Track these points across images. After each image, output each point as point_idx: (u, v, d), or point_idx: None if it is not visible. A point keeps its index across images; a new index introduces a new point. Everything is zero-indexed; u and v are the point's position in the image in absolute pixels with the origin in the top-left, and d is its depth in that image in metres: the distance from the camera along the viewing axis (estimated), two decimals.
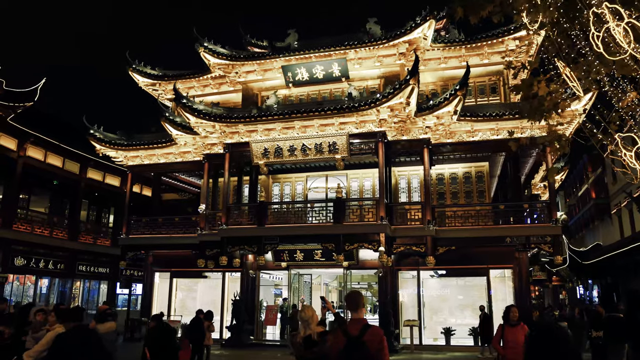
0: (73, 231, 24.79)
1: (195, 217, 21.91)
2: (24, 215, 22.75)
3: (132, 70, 24.30)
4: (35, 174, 23.42)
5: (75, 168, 25.17)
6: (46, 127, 22.74)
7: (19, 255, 21.77)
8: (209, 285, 22.02)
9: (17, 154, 21.86)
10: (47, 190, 26.50)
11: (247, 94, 22.61)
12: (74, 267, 24.46)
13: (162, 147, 22.08)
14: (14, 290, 22.13)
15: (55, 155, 23.95)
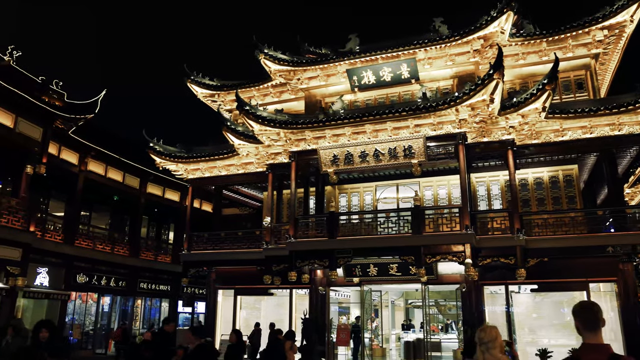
0: (134, 247, 24.20)
1: (258, 231, 20.88)
2: (85, 231, 22.27)
3: (191, 82, 23.75)
4: (96, 189, 23.01)
5: (136, 183, 24.69)
6: (105, 141, 22.34)
7: (81, 272, 21.24)
8: (275, 303, 20.84)
9: (78, 169, 21.49)
10: (107, 205, 26.14)
11: (310, 100, 21.52)
12: (135, 284, 23.80)
13: (223, 158, 21.21)
14: (76, 309, 21.54)
15: (116, 170, 23.52)
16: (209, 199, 27.17)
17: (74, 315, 21.32)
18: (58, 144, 19.99)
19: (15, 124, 17.41)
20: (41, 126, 18.27)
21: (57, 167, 19.37)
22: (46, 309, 20.16)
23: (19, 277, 16.90)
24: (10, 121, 17.23)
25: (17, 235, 16.92)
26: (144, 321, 24.90)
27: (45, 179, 19.36)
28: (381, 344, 21.62)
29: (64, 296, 19.96)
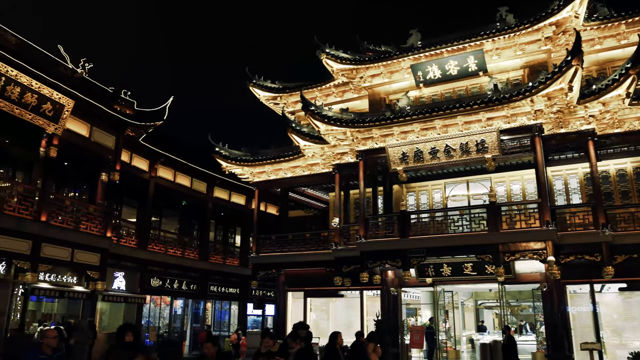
0: (203, 251, 24.58)
1: (326, 233, 20.72)
2: (156, 236, 22.79)
3: (253, 86, 23.89)
4: (165, 194, 23.52)
5: (203, 187, 25.09)
6: (173, 147, 22.82)
7: (154, 276, 21.72)
8: (345, 304, 20.55)
9: (148, 175, 22.01)
10: (176, 210, 26.68)
11: (374, 98, 21.14)
12: (205, 287, 24.15)
13: (288, 160, 21.19)
14: (150, 312, 22.05)
15: (184, 175, 23.98)
16: (273, 202, 27.29)
17: (149, 318, 21.82)
18: (129, 152, 20.53)
19: (91, 133, 17.97)
20: (114, 134, 18.80)
21: (129, 174, 19.90)
22: (123, 312, 20.71)
23: (99, 281, 17.42)
24: (86, 131, 17.80)
25: (96, 241, 17.43)
26: (215, 324, 25.23)
27: (118, 185, 19.90)
28: (454, 346, 20.96)
29: (140, 299, 20.46)
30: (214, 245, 26.17)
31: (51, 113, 15.96)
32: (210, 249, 25.35)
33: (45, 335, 6.33)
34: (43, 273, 15.90)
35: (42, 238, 15.58)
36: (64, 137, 16.70)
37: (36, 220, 15.52)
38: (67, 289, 17.06)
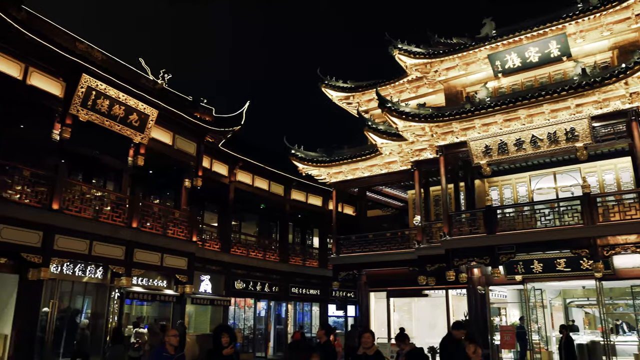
0: (283, 253, 24.82)
1: (407, 231, 20.36)
2: (237, 239, 23.22)
3: (325, 86, 23.90)
4: (244, 198, 23.94)
5: (280, 190, 25.36)
6: (250, 152, 23.18)
7: (238, 278, 22.13)
8: (429, 304, 20.09)
9: (228, 179, 22.48)
10: (254, 214, 27.12)
11: (450, 92, 20.56)
12: (287, 289, 24.37)
13: (365, 159, 21.00)
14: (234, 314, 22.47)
15: (262, 179, 24.32)
16: (349, 202, 27.19)
17: (234, 320, 22.24)
18: (210, 157, 21.02)
19: (173, 141, 18.55)
20: (195, 141, 19.32)
21: (209, 179, 20.38)
22: (210, 314, 21.24)
23: (187, 284, 17.91)
24: (169, 139, 18.39)
25: (183, 245, 17.95)
26: (296, 325, 25.39)
27: (199, 190, 20.42)
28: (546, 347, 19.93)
29: (226, 302, 20.91)
30: (293, 247, 26.38)
31: (137, 123, 16.60)
32: (290, 251, 25.56)
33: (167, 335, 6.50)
34: (136, 277, 16.53)
35: (134, 244, 16.21)
36: (150, 146, 17.32)
37: (128, 227, 16.17)
38: (158, 292, 17.66)
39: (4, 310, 13.90)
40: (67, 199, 14.74)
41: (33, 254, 13.45)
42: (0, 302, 13.97)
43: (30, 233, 13.50)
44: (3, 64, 13.68)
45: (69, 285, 15.76)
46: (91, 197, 15.72)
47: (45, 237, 13.78)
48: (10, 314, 13.61)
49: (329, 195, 26.98)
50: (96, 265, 15.70)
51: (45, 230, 13.81)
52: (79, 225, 14.75)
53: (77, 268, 15.25)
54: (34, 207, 13.74)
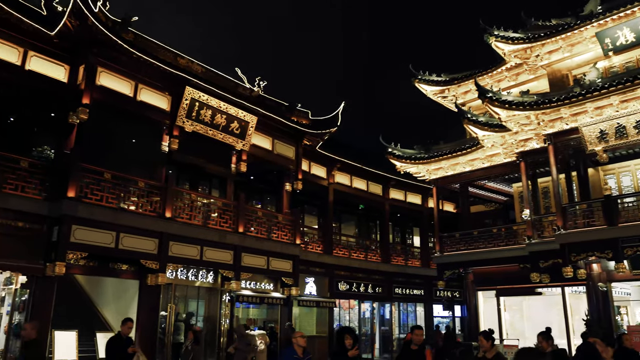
0: (385, 254, 24.56)
1: (515, 226, 19.40)
2: (338, 240, 23.26)
3: (419, 81, 23.40)
4: (343, 199, 23.96)
5: (379, 190, 25.13)
6: (346, 152, 23.15)
7: (341, 280, 22.15)
8: (543, 303, 18.96)
9: (327, 181, 22.59)
10: (352, 215, 27.08)
11: (554, 76, 19.35)
12: (390, 290, 24.07)
13: (465, 153, 20.29)
14: (339, 316, 22.49)
15: (360, 179, 24.23)
16: (449, 199, 26.39)
17: (339, 322, 22.27)
18: (308, 160, 21.22)
19: (273, 146, 18.91)
20: (293, 145, 19.57)
21: (308, 182, 20.55)
22: (315, 316, 21.41)
23: (293, 287, 18.15)
24: (268, 144, 18.77)
25: (287, 248, 18.23)
26: (400, 326, 25.01)
27: (298, 193, 20.66)
28: None
29: (331, 303, 20.98)
30: (393, 246, 26.03)
31: (238, 131, 17.06)
32: (391, 250, 25.23)
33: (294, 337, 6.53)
34: (244, 281, 16.97)
35: (241, 248, 16.65)
36: (251, 152, 17.75)
37: (235, 232, 16.65)
38: (266, 295, 18.04)
39: (127, 313, 14.75)
40: (178, 207, 15.43)
41: (151, 260, 14.18)
42: (124, 306, 14.91)
43: (148, 241, 14.26)
44: (117, 83, 14.58)
45: (184, 289, 16.50)
46: (199, 204, 16.36)
47: (161, 244, 14.49)
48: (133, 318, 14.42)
49: (427, 193, 26.39)
50: (207, 269, 16.32)
51: (161, 238, 14.53)
52: (190, 231, 15.39)
53: (190, 273, 15.93)
54: (150, 216, 14.51)
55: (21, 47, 13.37)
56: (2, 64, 12.93)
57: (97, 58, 14.08)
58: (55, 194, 13.00)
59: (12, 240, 12.40)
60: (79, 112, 13.41)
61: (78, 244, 12.79)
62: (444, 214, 24.15)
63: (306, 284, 20.55)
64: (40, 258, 12.64)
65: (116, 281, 15.21)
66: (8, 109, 15.75)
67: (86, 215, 13.02)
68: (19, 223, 12.54)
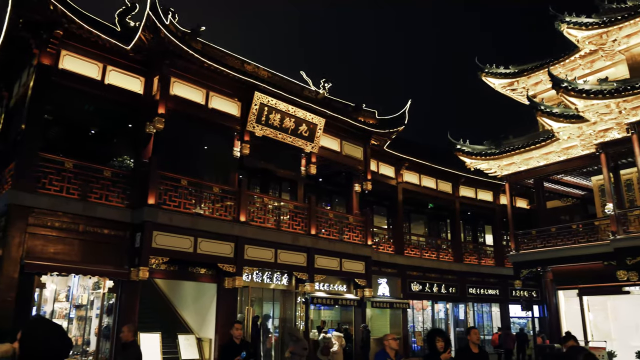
0: (457, 253, 23.97)
1: (597, 222, 18.46)
2: (409, 240, 22.92)
3: (486, 75, 22.79)
4: (412, 198, 23.64)
5: (448, 188, 24.59)
6: (414, 151, 22.78)
7: (413, 280, 21.81)
8: (631, 302, 17.89)
9: (395, 181, 22.33)
10: (421, 214, 26.69)
11: (634, 61, 18.43)
12: (464, 290, 23.45)
13: (539, 147, 19.50)
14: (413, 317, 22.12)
15: (429, 177, 23.80)
16: (522, 195, 25.52)
17: (413, 323, 21.92)
18: (376, 160, 21.05)
19: (341, 148, 18.88)
20: (361, 146, 19.47)
21: (377, 182, 20.35)
22: (389, 317, 21.19)
23: (366, 288, 18.02)
24: (337, 145, 18.76)
25: (359, 250, 18.13)
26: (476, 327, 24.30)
27: (367, 194, 20.51)
28: None
29: (404, 304, 20.69)
30: (465, 245, 25.38)
31: (307, 133, 17.15)
32: (463, 249, 24.61)
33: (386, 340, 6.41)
34: (318, 283, 17.00)
35: (314, 250, 16.71)
36: (320, 154, 17.80)
37: (307, 234, 16.73)
38: (340, 296, 18.01)
39: (207, 316, 15.15)
40: (252, 211, 15.67)
41: (228, 264, 14.47)
42: (204, 309, 15.28)
43: (224, 245, 14.55)
44: (190, 91, 14.99)
45: (259, 292, 16.72)
46: (271, 207, 16.55)
47: (237, 248, 14.76)
48: (212, 320, 14.79)
49: (499, 190, 25.61)
50: (281, 272, 16.48)
51: (236, 242, 14.80)
52: (264, 235, 15.60)
53: (265, 275, 16.13)
54: (225, 221, 14.81)
55: (100, 63, 14.01)
56: (84, 79, 13.59)
57: (170, 69, 14.54)
58: (136, 201, 13.52)
59: (99, 247, 13.00)
60: (155, 122, 13.88)
61: (159, 249, 13.22)
62: (517, 211, 23.35)
63: (379, 285, 20.37)
64: (125, 263, 13.17)
65: (194, 284, 15.64)
66: (90, 122, 16.60)
67: (166, 221, 13.45)
68: (104, 230, 13.13)
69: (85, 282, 13.94)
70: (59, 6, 12.52)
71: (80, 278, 13.55)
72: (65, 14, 12.67)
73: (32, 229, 11.97)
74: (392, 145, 21.12)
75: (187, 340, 14.90)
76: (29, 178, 12.12)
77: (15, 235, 11.63)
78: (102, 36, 13.50)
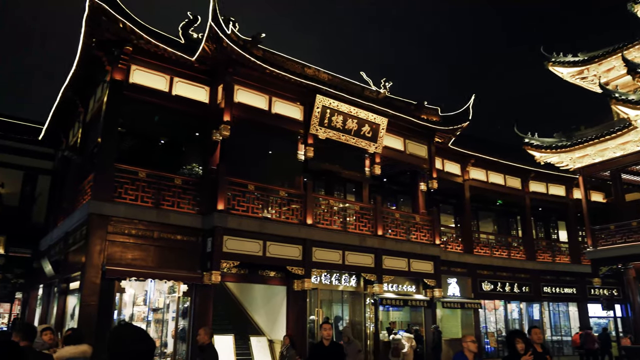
0: (529, 250, 23.09)
1: None
2: (477, 238, 22.31)
3: (553, 64, 21.96)
4: (479, 195, 23.04)
5: (517, 183, 23.76)
6: (480, 147, 22.18)
7: (484, 280, 21.22)
8: None
9: (462, 178, 21.83)
10: (489, 211, 26.01)
11: None
12: (537, 288, 22.55)
13: (615, 137, 18.58)
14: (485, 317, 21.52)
15: (496, 174, 23.09)
16: (597, 188, 24.31)
17: (485, 324, 21.33)
18: (440, 158, 20.66)
19: (405, 147, 18.65)
20: (425, 144, 19.17)
21: (442, 180, 19.94)
22: (460, 318, 20.70)
23: (435, 288, 17.71)
24: (400, 145, 18.55)
25: (427, 249, 17.86)
26: (553, 328, 23.36)
27: (432, 192, 20.15)
28: None
29: (476, 305, 20.15)
30: (537, 242, 24.42)
31: (370, 134, 17.07)
32: (535, 247, 23.68)
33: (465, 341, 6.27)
34: (386, 284, 16.86)
35: (381, 251, 16.60)
36: (384, 154, 17.66)
37: (374, 235, 16.66)
38: (409, 297, 17.80)
39: (278, 318, 15.37)
40: (318, 214, 15.77)
41: (296, 266, 14.62)
42: (274, 312, 15.52)
43: (292, 247, 14.72)
44: (253, 98, 15.28)
45: (328, 294, 16.78)
46: (337, 209, 16.58)
47: (305, 250, 14.89)
48: (283, 322, 14.98)
49: (572, 183, 24.57)
50: (349, 273, 16.47)
51: (304, 244, 14.93)
52: (331, 237, 15.65)
53: (333, 277, 16.18)
54: (293, 224, 14.99)
55: (167, 75, 14.53)
56: (153, 91, 14.15)
57: (233, 77, 14.86)
58: (206, 207, 13.91)
59: (173, 253, 13.47)
60: (221, 130, 14.22)
61: (230, 253, 13.53)
62: (592, 205, 22.24)
63: (448, 285, 19.94)
64: (197, 268, 13.57)
65: (264, 287, 15.90)
66: (160, 132, 17.26)
67: (235, 226, 13.75)
68: (177, 236, 13.58)
69: (161, 287, 14.47)
70: (127, 24, 13.09)
71: (156, 282, 14.06)
72: (133, 30, 13.22)
73: (111, 237, 12.56)
74: (456, 141, 20.65)
75: (259, 342, 15.17)
76: (106, 188, 12.73)
77: (97, 243, 12.25)
78: (168, 49, 13.99)
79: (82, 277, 12.19)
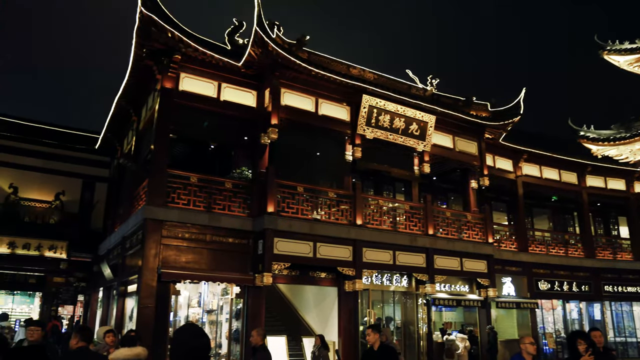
0: (587, 248, 22.20)
1: None
2: (532, 236, 21.63)
3: (609, 53, 20.88)
4: (532, 192, 22.38)
5: (573, 178, 22.90)
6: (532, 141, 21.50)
7: (540, 279, 20.57)
8: None
9: (514, 174, 21.26)
10: (544, 208, 25.26)
11: None
12: (598, 287, 21.67)
13: None
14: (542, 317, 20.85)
15: (550, 169, 22.34)
16: None
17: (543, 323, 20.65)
18: (491, 154, 20.15)
19: (454, 144, 18.33)
20: (474, 140, 18.78)
21: (493, 177, 19.46)
22: (516, 318, 20.16)
23: (489, 288, 17.30)
24: (449, 142, 18.25)
25: (480, 248, 17.48)
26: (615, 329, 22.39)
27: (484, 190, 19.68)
28: None
29: (532, 304, 19.54)
30: (597, 239, 23.47)
31: (418, 132, 16.86)
32: (594, 244, 22.75)
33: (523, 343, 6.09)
34: (438, 284, 16.60)
35: (432, 250, 16.35)
36: (432, 152, 17.41)
37: (425, 234, 16.44)
38: (462, 297, 17.47)
39: (329, 319, 15.39)
40: (367, 214, 15.70)
41: (347, 267, 14.60)
42: (326, 312, 15.55)
43: (342, 248, 14.71)
44: (299, 100, 15.38)
45: (379, 294, 16.66)
46: (387, 209, 16.46)
47: (355, 251, 14.84)
48: (335, 323, 14.99)
49: (632, 177, 23.52)
50: (400, 274, 16.33)
51: (354, 245, 14.89)
52: (381, 237, 15.55)
53: (384, 278, 16.07)
54: (342, 225, 14.98)
55: (215, 81, 14.81)
56: (202, 98, 14.47)
57: (280, 80, 14.99)
58: (256, 210, 14.09)
59: (225, 255, 13.71)
60: (269, 133, 14.38)
61: (280, 255, 13.65)
62: None
63: (503, 285, 19.44)
64: (249, 270, 13.76)
65: (315, 288, 15.95)
66: (209, 137, 17.61)
67: (285, 227, 13.86)
68: (229, 239, 13.82)
69: (214, 289, 14.74)
70: (176, 33, 13.42)
71: (210, 285, 14.33)
72: (182, 39, 13.55)
73: (165, 241, 12.91)
74: (507, 137, 20.12)
75: (311, 343, 15.21)
76: (160, 194, 13.09)
77: (152, 247, 12.60)
78: (216, 56, 14.25)
79: (139, 280, 12.57)
